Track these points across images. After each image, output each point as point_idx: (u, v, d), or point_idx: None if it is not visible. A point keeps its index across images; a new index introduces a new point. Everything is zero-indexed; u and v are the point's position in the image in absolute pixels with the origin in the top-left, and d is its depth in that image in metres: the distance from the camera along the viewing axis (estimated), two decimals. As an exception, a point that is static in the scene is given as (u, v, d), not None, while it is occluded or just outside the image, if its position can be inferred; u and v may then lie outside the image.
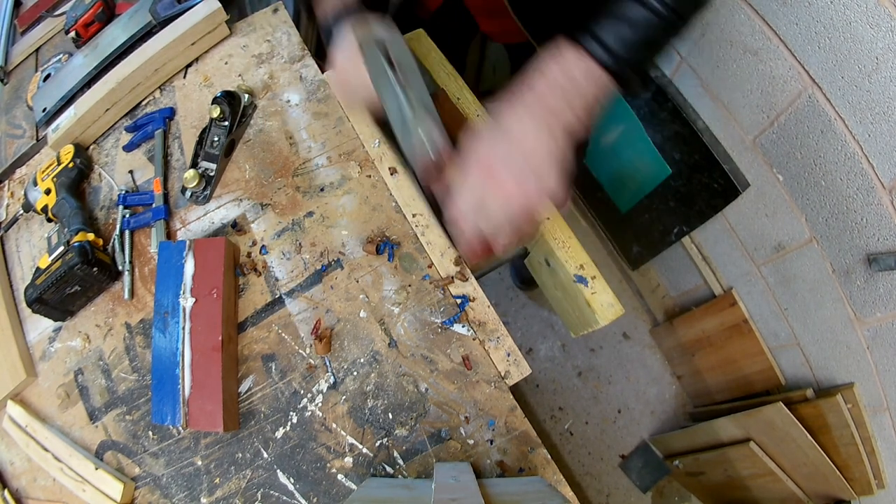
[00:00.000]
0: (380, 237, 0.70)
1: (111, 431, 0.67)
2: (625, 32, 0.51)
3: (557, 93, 0.52)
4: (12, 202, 0.86)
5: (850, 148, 0.87)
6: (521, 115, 0.52)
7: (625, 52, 0.51)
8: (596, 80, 0.52)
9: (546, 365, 1.81)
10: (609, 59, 0.51)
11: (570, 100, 0.52)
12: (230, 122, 0.76)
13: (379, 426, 0.62)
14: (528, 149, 0.52)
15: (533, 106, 0.52)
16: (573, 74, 0.52)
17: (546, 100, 0.52)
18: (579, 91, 0.52)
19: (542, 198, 0.53)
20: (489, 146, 0.53)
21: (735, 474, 1.36)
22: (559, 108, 0.52)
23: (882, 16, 0.72)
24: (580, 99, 0.52)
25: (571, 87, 0.52)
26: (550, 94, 0.52)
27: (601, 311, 0.66)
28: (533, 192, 0.52)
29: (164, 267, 0.67)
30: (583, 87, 0.52)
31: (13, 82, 1.00)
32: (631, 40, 0.51)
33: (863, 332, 1.03)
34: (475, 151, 0.54)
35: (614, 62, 0.51)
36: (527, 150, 0.52)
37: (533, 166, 0.52)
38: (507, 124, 0.53)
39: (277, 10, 0.90)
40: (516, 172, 0.52)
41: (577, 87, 0.52)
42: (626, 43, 0.51)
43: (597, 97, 0.53)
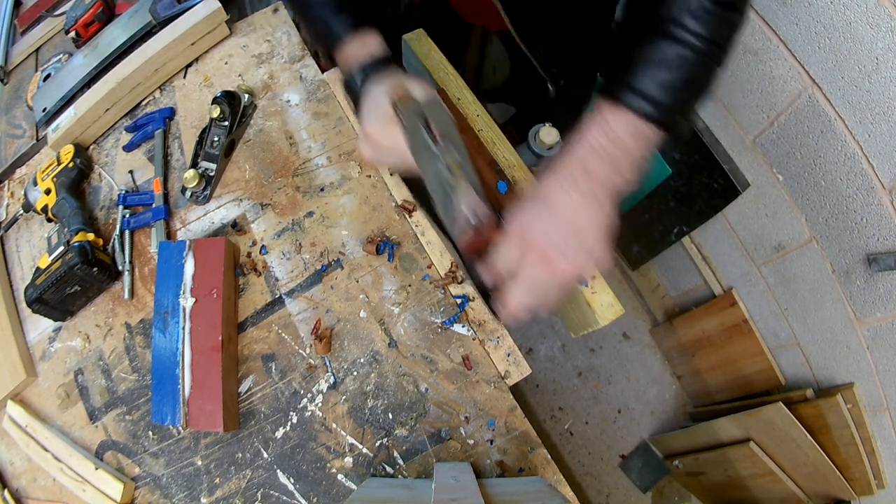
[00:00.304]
0: (380, 237, 0.70)
1: (111, 431, 0.67)
2: (663, 77, 0.49)
3: (605, 160, 0.50)
4: (12, 202, 0.86)
5: (850, 148, 0.87)
6: (568, 190, 0.50)
7: (667, 98, 0.49)
8: (643, 136, 0.50)
9: (546, 365, 1.80)
10: (653, 111, 0.49)
11: (618, 164, 0.50)
12: (230, 122, 0.76)
13: (379, 426, 0.62)
14: (578, 227, 0.50)
15: (580, 179, 0.50)
16: (619, 136, 0.50)
17: (593, 170, 0.50)
18: (627, 153, 0.50)
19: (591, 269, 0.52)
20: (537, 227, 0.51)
21: (735, 474, 1.36)
22: (606, 175, 0.50)
23: (882, 16, 0.72)
24: (627, 160, 0.51)
25: (618, 150, 0.50)
26: (597, 163, 0.50)
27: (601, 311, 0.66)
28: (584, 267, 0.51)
29: (164, 267, 0.67)
30: (630, 148, 0.50)
31: (13, 82, 1.00)
32: (671, 83, 0.49)
33: (863, 332, 1.03)
34: (521, 228, 0.52)
35: (659, 112, 0.49)
36: (577, 228, 0.50)
37: (584, 243, 0.50)
38: (555, 202, 0.51)
39: (277, 10, 0.90)
40: (569, 254, 0.50)
41: (625, 148, 0.50)
42: (667, 88, 0.49)
43: (644, 153, 0.51)
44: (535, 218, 0.52)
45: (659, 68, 0.49)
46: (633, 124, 0.49)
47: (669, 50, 0.49)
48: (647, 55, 0.50)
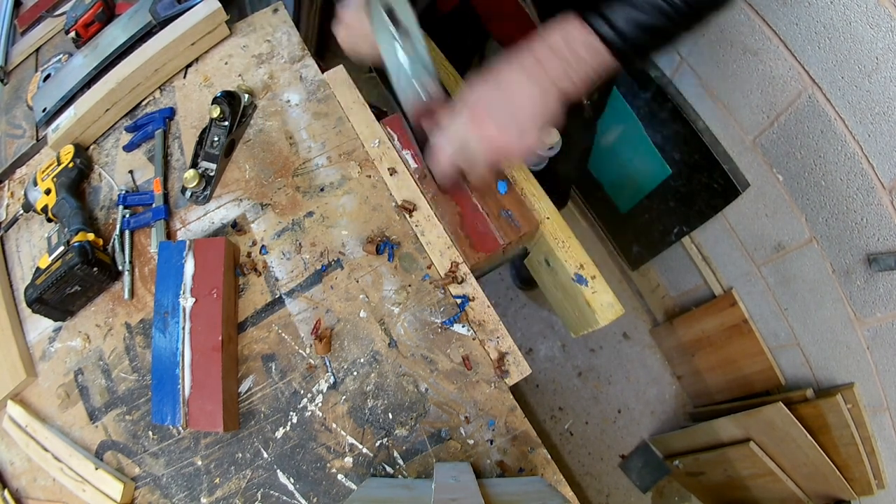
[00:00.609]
0: (380, 237, 0.70)
1: (111, 431, 0.67)
2: (634, 15, 0.53)
3: (557, 59, 0.54)
4: (12, 202, 0.86)
5: (850, 148, 0.87)
6: (517, 72, 0.55)
7: (630, 31, 0.53)
8: (597, 54, 0.54)
9: (546, 365, 1.80)
10: (614, 37, 0.53)
11: (568, 67, 0.54)
12: (230, 122, 0.76)
13: (379, 426, 0.62)
14: (517, 103, 0.55)
15: (531, 67, 0.55)
16: (575, 45, 0.54)
17: (544, 62, 0.54)
18: (579, 61, 0.54)
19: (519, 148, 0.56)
20: (482, 93, 0.57)
21: (735, 474, 1.36)
22: (556, 72, 0.54)
23: (882, 16, 0.72)
24: (578, 68, 0.54)
25: (571, 56, 0.54)
26: (550, 59, 0.54)
27: (601, 311, 0.66)
28: (512, 143, 0.56)
29: (164, 267, 0.67)
30: (583, 59, 0.54)
31: (13, 82, 1.00)
32: (638, 22, 0.53)
33: (863, 332, 1.03)
34: (468, 96, 0.57)
35: (619, 39, 0.53)
36: (516, 104, 0.55)
37: (518, 121, 0.55)
38: (503, 77, 0.56)
39: (277, 10, 0.90)
40: (501, 122, 0.55)
41: (578, 57, 0.54)
42: (633, 24, 0.53)
43: (596, 70, 0.55)
44: (480, 87, 0.57)
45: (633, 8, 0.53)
46: (591, 42, 0.54)
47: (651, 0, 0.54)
48: None
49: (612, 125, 1.44)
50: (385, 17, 0.60)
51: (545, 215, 0.70)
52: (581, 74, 0.55)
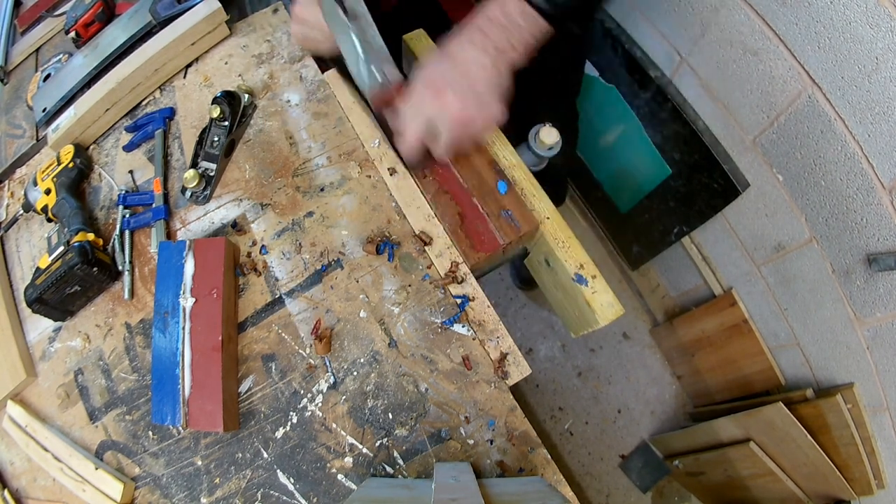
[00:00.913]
0: (380, 237, 0.70)
1: (111, 431, 0.67)
2: None
3: (499, 29, 0.59)
4: (12, 202, 0.86)
5: (850, 148, 0.87)
6: (465, 45, 0.60)
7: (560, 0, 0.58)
8: (533, 21, 0.59)
9: (546, 365, 1.81)
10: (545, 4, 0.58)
11: (510, 35, 0.59)
12: (230, 122, 0.76)
13: (379, 426, 0.62)
14: (471, 74, 0.59)
15: (476, 39, 0.60)
16: (512, 15, 0.59)
17: (488, 33, 0.59)
18: (518, 29, 0.59)
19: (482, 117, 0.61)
20: (435, 69, 0.61)
21: (735, 474, 1.36)
22: (499, 40, 0.59)
23: (882, 16, 0.72)
24: (519, 35, 0.59)
25: (511, 24, 0.59)
26: (492, 29, 0.59)
27: (601, 311, 0.66)
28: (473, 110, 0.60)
29: (164, 267, 0.67)
30: (521, 26, 0.59)
31: (13, 82, 1.00)
32: None
33: (863, 332, 1.03)
34: (423, 73, 0.61)
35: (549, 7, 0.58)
36: (470, 74, 0.59)
37: (475, 90, 0.59)
38: (453, 52, 0.61)
39: (277, 10, 0.90)
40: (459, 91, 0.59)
41: (517, 25, 0.59)
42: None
43: (533, 35, 0.60)
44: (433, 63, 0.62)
45: None
46: (526, 10, 0.59)
47: None
48: None
49: (612, 125, 1.44)
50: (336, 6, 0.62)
51: (545, 215, 0.70)
52: (521, 40, 0.60)
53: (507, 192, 0.70)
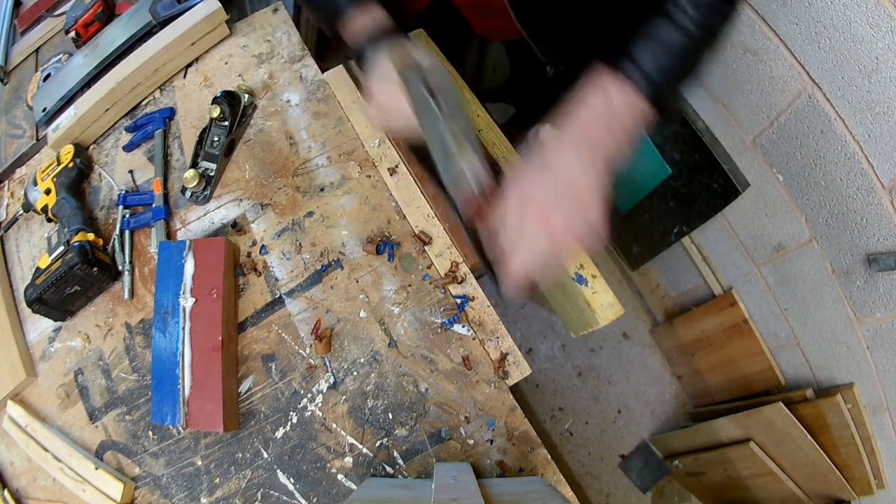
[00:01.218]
0: (380, 237, 0.70)
1: (111, 431, 0.67)
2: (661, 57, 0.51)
3: (602, 126, 0.52)
4: (12, 202, 0.86)
5: (850, 148, 0.87)
6: (566, 151, 0.52)
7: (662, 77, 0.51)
8: (636, 109, 0.52)
9: (546, 365, 1.80)
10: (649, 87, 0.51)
11: (612, 130, 0.52)
12: (230, 122, 0.76)
13: (379, 426, 0.62)
14: (574, 184, 0.51)
15: (580, 146, 0.52)
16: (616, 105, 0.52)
17: (589, 131, 0.52)
18: (622, 122, 0.52)
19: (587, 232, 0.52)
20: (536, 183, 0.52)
21: (735, 474, 1.36)
22: (601, 139, 0.52)
23: (882, 16, 0.72)
24: (623, 130, 0.52)
25: (614, 118, 0.52)
26: (595, 128, 0.52)
27: (601, 311, 0.66)
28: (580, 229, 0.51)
29: (164, 267, 0.67)
30: (626, 118, 0.52)
31: (13, 82, 1.00)
32: (666, 64, 0.52)
33: (863, 332, 1.03)
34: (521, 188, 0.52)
35: (653, 90, 0.51)
36: (573, 185, 0.51)
37: (580, 203, 0.51)
38: (553, 161, 0.52)
39: (277, 10, 0.90)
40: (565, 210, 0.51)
41: (621, 118, 0.52)
42: (663, 67, 0.51)
43: (637, 125, 0.53)
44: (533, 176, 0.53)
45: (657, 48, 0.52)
46: (630, 96, 0.52)
47: (670, 32, 0.52)
48: (648, 33, 0.52)
49: (612, 125, 1.44)
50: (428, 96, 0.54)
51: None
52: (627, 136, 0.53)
53: None
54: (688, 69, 0.55)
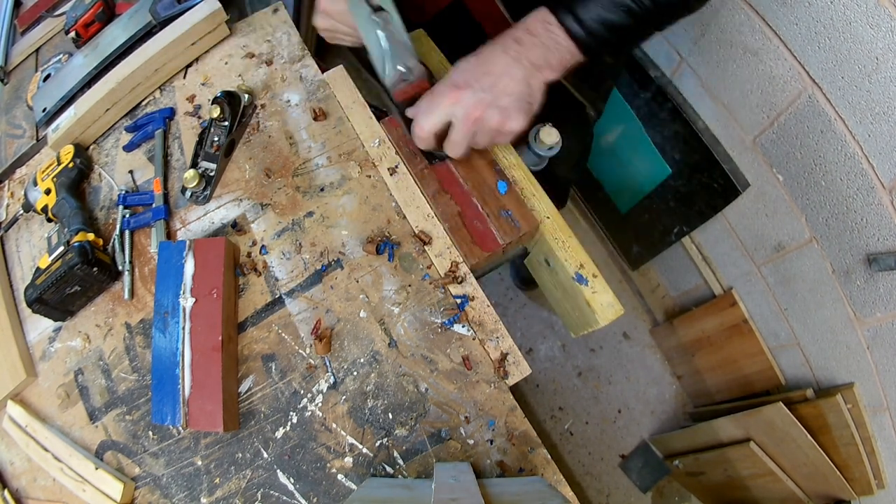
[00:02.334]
0: (380, 237, 0.70)
1: (111, 431, 0.67)
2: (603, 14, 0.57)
3: (537, 43, 0.58)
4: (12, 202, 0.86)
5: (850, 148, 0.87)
6: (498, 53, 0.59)
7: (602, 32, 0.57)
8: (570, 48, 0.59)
9: (546, 365, 1.81)
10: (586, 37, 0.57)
11: (548, 51, 0.58)
12: (230, 122, 0.76)
13: (379, 426, 0.62)
14: (498, 80, 0.58)
15: (512, 50, 0.58)
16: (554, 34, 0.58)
17: (525, 43, 0.58)
18: (557, 48, 0.58)
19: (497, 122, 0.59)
20: (464, 68, 0.60)
21: (735, 474, 1.36)
22: (536, 53, 0.58)
23: (882, 16, 0.72)
24: (557, 54, 0.59)
25: (550, 41, 0.58)
26: (530, 41, 0.58)
27: (601, 311, 0.66)
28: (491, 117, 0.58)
29: (164, 267, 0.67)
30: (561, 47, 0.58)
31: (13, 82, 1.00)
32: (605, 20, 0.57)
33: (863, 332, 1.04)
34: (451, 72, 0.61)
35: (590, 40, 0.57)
36: (496, 80, 0.58)
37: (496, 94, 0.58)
38: (486, 57, 0.60)
39: (277, 10, 0.90)
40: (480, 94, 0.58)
41: (556, 44, 0.58)
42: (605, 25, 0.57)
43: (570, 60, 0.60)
44: (463, 64, 0.61)
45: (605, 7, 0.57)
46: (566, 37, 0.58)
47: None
48: None
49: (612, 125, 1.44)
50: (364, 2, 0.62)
51: (545, 215, 0.70)
52: (559, 61, 0.59)
53: (507, 192, 0.70)
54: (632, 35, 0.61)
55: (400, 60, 0.64)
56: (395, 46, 0.63)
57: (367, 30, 0.63)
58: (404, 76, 0.65)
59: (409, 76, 0.65)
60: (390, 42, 0.63)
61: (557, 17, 0.58)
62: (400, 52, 0.64)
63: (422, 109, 0.62)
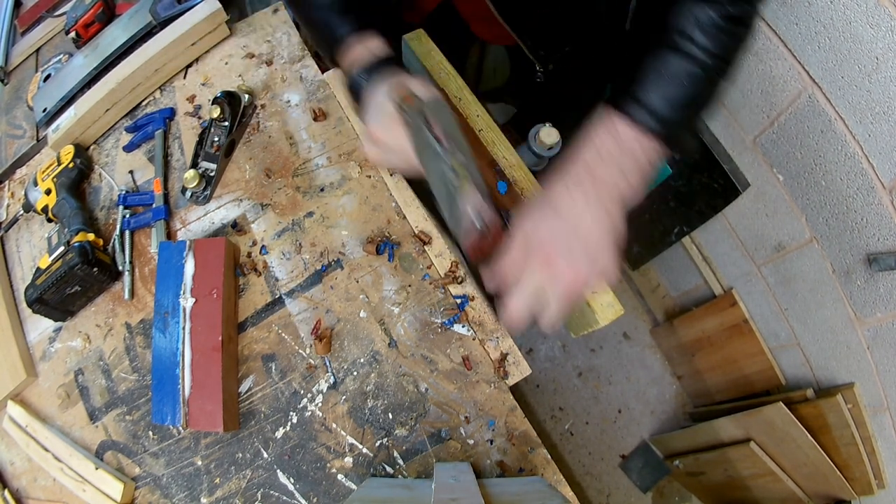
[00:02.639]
0: (380, 237, 0.70)
1: (111, 431, 0.67)
2: (669, 92, 0.49)
3: (611, 165, 0.50)
4: (12, 202, 0.86)
5: (850, 148, 0.87)
6: (574, 193, 0.50)
7: (672, 114, 0.49)
8: (647, 147, 0.50)
9: (546, 365, 1.80)
10: (658, 126, 0.49)
11: (624, 170, 0.50)
12: (230, 122, 0.76)
13: (379, 426, 0.62)
14: (584, 231, 0.50)
15: (586, 182, 0.50)
16: (625, 143, 0.50)
17: (599, 174, 0.50)
18: (634, 159, 0.50)
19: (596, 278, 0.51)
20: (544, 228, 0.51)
21: (735, 474, 1.36)
22: (613, 180, 0.50)
23: (882, 16, 0.72)
24: (634, 167, 0.50)
25: (625, 156, 0.50)
26: (604, 168, 0.50)
27: (601, 311, 0.66)
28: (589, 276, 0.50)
29: (164, 267, 0.67)
30: (637, 155, 0.50)
31: (13, 82, 1.00)
32: (676, 99, 0.49)
33: (863, 332, 1.03)
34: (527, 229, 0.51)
35: (663, 127, 0.49)
36: (583, 232, 0.50)
37: (589, 250, 0.50)
38: (561, 204, 0.51)
39: (277, 11, 0.90)
40: (573, 259, 0.49)
41: (632, 155, 0.50)
42: (673, 103, 0.49)
43: (650, 163, 0.51)
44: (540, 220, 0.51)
45: (665, 82, 0.49)
46: (639, 135, 0.50)
47: (677, 64, 0.49)
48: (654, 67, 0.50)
49: (612, 125, 1.44)
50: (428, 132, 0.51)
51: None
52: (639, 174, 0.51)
53: (507, 192, 0.70)
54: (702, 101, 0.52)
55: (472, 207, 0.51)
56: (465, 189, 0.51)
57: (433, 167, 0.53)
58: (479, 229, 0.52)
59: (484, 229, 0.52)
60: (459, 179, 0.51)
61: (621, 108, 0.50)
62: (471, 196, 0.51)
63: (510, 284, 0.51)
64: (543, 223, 0.51)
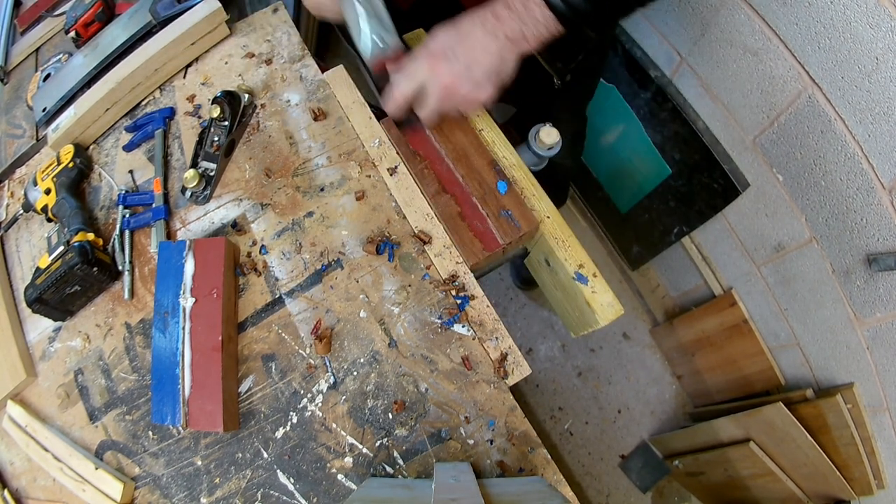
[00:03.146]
0: (380, 237, 0.70)
1: (111, 431, 0.67)
2: None
3: (515, 16, 0.59)
4: (12, 202, 0.86)
5: (850, 148, 0.87)
6: (476, 25, 0.60)
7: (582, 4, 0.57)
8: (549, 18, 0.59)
9: (546, 365, 1.80)
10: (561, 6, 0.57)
11: (525, 25, 0.59)
12: (230, 122, 0.76)
13: (379, 426, 0.62)
14: (473, 52, 0.60)
15: (489, 23, 0.60)
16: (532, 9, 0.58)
17: (502, 17, 0.59)
18: (535, 22, 0.59)
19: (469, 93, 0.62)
20: (439, 40, 0.62)
21: (735, 474, 1.36)
22: (512, 27, 0.59)
23: (882, 16, 0.72)
24: (534, 27, 0.59)
25: (528, 15, 0.59)
26: (508, 15, 0.59)
27: (601, 311, 0.66)
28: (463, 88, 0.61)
29: (164, 267, 0.67)
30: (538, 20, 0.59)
31: (13, 82, 1.00)
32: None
33: (863, 332, 1.04)
34: (427, 42, 0.63)
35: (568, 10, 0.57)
36: (471, 52, 0.60)
37: (470, 63, 0.60)
38: (463, 28, 0.61)
39: (277, 10, 0.90)
40: (454, 65, 0.60)
41: (534, 18, 0.59)
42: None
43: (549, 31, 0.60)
44: (440, 32, 0.63)
45: None
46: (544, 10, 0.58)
47: None
48: None
49: (612, 125, 1.44)
50: None
51: (545, 215, 0.70)
52: (535, 34, 0.60)
53: (507, 192, 0.70)
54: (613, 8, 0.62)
55: (376, 33, 0.66)
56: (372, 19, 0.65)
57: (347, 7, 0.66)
58: (381, 48, 0.66)
59: (385, 48, 0.66)
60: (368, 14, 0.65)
61: None
62: (377, 25, 0.66)
63: (399, 78, 0.64)
64: (442, 33, 0.62)
